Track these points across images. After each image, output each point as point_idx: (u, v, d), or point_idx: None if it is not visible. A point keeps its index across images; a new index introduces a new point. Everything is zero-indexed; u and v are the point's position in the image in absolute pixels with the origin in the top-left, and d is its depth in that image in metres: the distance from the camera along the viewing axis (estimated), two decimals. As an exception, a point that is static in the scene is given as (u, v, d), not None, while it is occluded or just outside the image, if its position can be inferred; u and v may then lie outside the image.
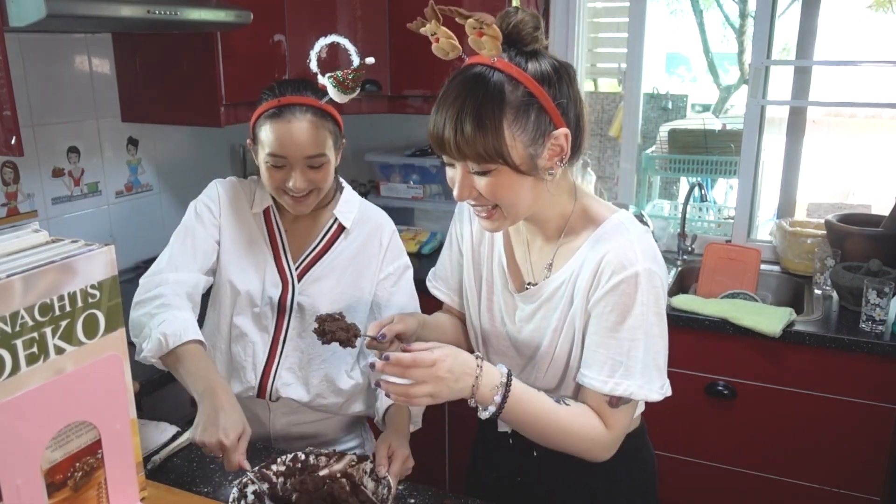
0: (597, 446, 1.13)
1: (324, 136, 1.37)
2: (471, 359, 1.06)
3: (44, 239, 0.96)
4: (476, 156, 1.01)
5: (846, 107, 5.23)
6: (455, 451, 2.49)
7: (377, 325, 1.19)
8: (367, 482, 1.17)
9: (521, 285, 1.22)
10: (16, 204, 2.06)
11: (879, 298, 1.97)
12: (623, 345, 1.08)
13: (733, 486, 2.17)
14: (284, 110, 1.35)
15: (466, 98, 1.00)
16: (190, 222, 1.47)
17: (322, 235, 1.51)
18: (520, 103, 1.01)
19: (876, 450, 2.00)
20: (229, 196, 1.50)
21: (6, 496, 0.85)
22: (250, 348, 1.48)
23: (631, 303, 1.07)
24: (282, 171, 1.37)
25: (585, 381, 1.12)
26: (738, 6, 5.46)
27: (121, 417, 1.00)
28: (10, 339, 0.84)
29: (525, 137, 1.02)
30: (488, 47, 0.99)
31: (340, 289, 1.49)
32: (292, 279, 1.48)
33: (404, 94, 2.59)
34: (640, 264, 1.07)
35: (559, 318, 1.15)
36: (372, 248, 1.51)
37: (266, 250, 1.49)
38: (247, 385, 1.48)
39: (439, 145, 1.04)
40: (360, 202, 1.55)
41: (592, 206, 1.17)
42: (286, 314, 1.48)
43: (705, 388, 2.13)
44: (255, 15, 2.01)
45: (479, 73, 1.02)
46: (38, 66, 2.06)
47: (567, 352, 1.16)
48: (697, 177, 3.57)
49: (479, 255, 1.28)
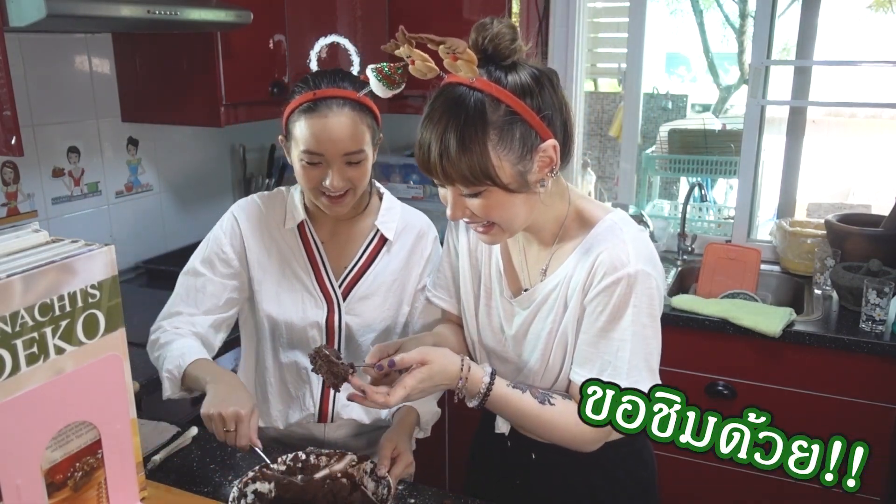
0: (585, 439, 1.14)
1: (362, 131, 1.29)
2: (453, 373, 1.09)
3: (44, 239, 0.96)
4: (463, 179, 1.00)
5: (846, 107, 5.22)
6: (455, 451, 2.49)
7: (378, 352, 1.15)
8: (367, 482, 1.17)
9: (517, 290, 1.22)
10: (16, 204, 2.06)
11: (879, 298, 1.96)
12: (612, 345, 1.08)
13: (733, 486, 2.17)
14: (320, 104, 1.26)
15: (449, 122, 0.98)
16: (194, 269, 1.40)
17: (364, 249, 1.42)
18: (503, 123, 0.99)
19: (876, 450, 1.99)
20: (252, 221, 1.40)
21: (6, 496, 0.85)
22: (304, 375, 1.42)
23: (623, 304, 1.07)
24: (318, 169, 1.28)
25: (576, 377, 1.12)
26: (738, 6, 5.46)
27: (121, 417, 1.00)
28: (10, 339, 0.84)
29: (512, 156, 1.00)
30: (465, 70, 0.96)
31: (388, 305, 1.42)
32: (337, 299, 1.40)
33: (404, 94, 2.57)
34: (633, 265, 1.06)
35: (553, 321, 1.15)
36: (416, 258, 1.44)
37: (305, 269, 1.40)
38: (307, 412, 1.43)
39: (426, 169, 1.03)
40: (402, 208, 1.47)
41: (586, 207, 1.16)
42: (336, 336, 1.41)
43: (705, 388, 2.13)
44: (255, 15, 2.01)
45: (460, 94, 0.99)
46: (38, 66, 2.06)
47: (562, 353, 1.16)
48: (697, 177, 3.57)
49: (477, 261, 1.27)
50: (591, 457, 1.20)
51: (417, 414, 1.38)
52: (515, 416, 1.14)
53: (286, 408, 1.44)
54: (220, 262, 1.39)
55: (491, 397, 1.10)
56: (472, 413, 1.11)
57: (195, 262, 1.41)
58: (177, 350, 1.30)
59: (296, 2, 2.31)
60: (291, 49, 2.31)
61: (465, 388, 1.09)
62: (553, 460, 1.25)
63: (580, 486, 1.25)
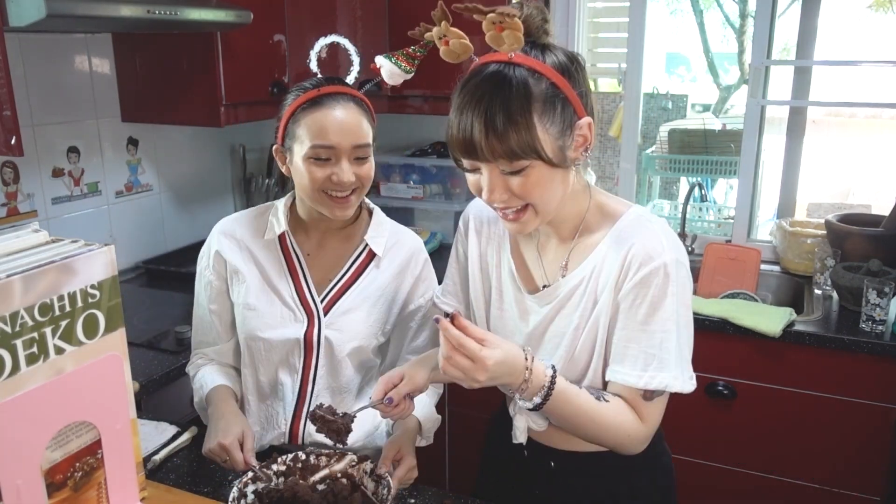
0: (632, 441, 1.11)
1: (367, 126, 1.29)
2: (520, 365, 1.01)
3: (44, 239, 0.96)
4: (510, 153, 0.98)
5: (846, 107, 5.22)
6: (455, 451, 2.49)
7: (383, 386, 1.13)
8: (367, 482, 1.17)
9: (534, 289, 1.19)
10: (16, 204, 2.06)
11: (879, 298, 1.97)
12: (655, 337, 1.06)
13: (733, 487, 2.17)
14: (325, 98, 1.26)
15: (493, 96, 0.97)
16: (197, 303, 1.44)
17: (351, 263, 1.39)
18: (545, 96, 0.99)
19: (876, 450, 2.00)
20: (230, 238, 1.40)
21: (6, 496, 0.85)
22: (280, 391, 1.38)
23: (661, 294, 1.05)
24: (326, 166, 1.26)
25: (618, 377, 1.09)
26: (738, 6, 5.47)
27: (121, 417, 0.99)
28: (10, 339, 0.84)
29: (554, 130, 1.00)
30: (509, 41, 0.96)
31: (371, 320, 1.38)
32: (318, 312, 1.36)
33: (404, 94, 2.59)
34: (668, 254, 1.05)
35: (581, 315, 1.12)
36: (405, 276, 1.41)
37: (285, 282, 1.37)
38: (277, 432, 1.39)
39: (467, 149, 1.01)
40: (392, 225, 1.45)
41: (607, 202, 1.16)
42: (314, 351, 1.36)
43: (705, 388, 2.12)
44: (255, 15, 2.01)
45: (499, 70, 0.99)
46: (38, 66, 2.06)
47: (589, 350, 1.12)
48: (697, 177, 3.57)
49: (487, 265, 1.25)
50: (613, 464, 1.19)
51: (419, 421, 1.35)
52: (572, 414, 1.07)
53: (262, 430, 1.41)
54: (214, 293, 1.41)
55: (554, 393, 1.03)
56: (472, 413, 1.10)
57: (197, 295, 1.45)
58: (197, 383, 1.42)
59: (296, 2, 2.31)
60: (291, 49, 2.31)
61: (529, 381, 1.02)
62: (573, 468, 1.23)
63: (601, 494, 1.23)
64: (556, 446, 1.23)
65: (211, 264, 1.40)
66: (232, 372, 1.45)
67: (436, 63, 1.10)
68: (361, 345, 1.38)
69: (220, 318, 1.43)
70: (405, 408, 1.13)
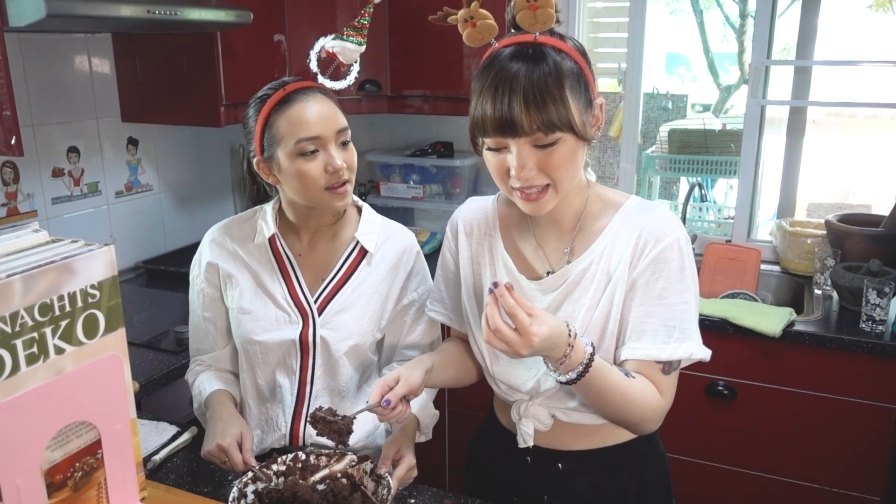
0: (655, 415, 1.13)
1: (341, 112, 1.31)
2: (563, 341, 1.01)
3: (44, 239, 0.96)
4: (549, 124, 1.01)
5: (846, 107, 5.23)
6: (455, 451, 2.49)
7: (379, 390, 1.12)
8: (367, 482, 1.17)
9: (536, 277, 1.20)
10: (16, 204, 2.06)
11: (879, 298, 1.97)
12: (675, 309, 1.10)
13: (733, 487, 2.17)
14: (294, 95, 1.27)
15: (528, 72, 1.00)
16: (192, 311, 1.45)
17: (343, 261, 1.39)
18: (571, 72, 1.03)
19: (876, 450, 2.00)
20: (221, 245, 1.40)
21: (6, 496, 0.85)
22: (278, 394, 1.38)
23: (676, 268, 1.10)
24: (318, 159, 1.26)
25: (638, 353, 1.11)
26: (738, 6, 5.47)
27: (121, 417, 0.99)
28: (10, 339, 0.84)
29: (580, 105, 1.04)
30: (541, 19, 1.00)
31: (366, 318, 1.37)
32: (312, 312, 1.36)
33: (404, 94, 2.58)
34: (680, 231, 1.12)
35: (593, 296, 1.14)
36: (398, 272, 1.41)
37: (277, 284, 1.37)
38: (278, 434, 1.38)
39: (504, 126, 1.02)
40: (382, 221, 1.44)
41: (607, 193, 1.21)
42: (310, 352, 1.36)
43: (705, 388, 2.13)
44: (255, 15, 2.01)
45: (528, 48, 1.03)
46: (38, 66, 2.06)
47: (600, 332, 1.14)
48: (697, 177, 3.57)
49: (479, 265, 1.25)
50: (621, 457, 1.21)
51: (417, 419, 1.35)
52: (604, 389, 1.07)
53: (262, 433, 1.41)
54: (207, 300, 1.42)
55: (591, 368, 1.03)
56: (472, 413, 1.10)
57: (191, 303, 1.46)
58: (196, 389, 1.42)
59: (296, 2, 2.31)
60: (291, 49, 2.31)
61: (569, 356, 1.02)
62: (580, 468, 1.23)
63: (610, 490, 1.23)
64: (563, 447, 1.23)
65: (202, 273, 1.42)
66: (230, 377, 1.45)
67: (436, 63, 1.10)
68: (357, 343, 1.38)
69: (214, 324, 1.44)
70: (402, 410, 1.13)
